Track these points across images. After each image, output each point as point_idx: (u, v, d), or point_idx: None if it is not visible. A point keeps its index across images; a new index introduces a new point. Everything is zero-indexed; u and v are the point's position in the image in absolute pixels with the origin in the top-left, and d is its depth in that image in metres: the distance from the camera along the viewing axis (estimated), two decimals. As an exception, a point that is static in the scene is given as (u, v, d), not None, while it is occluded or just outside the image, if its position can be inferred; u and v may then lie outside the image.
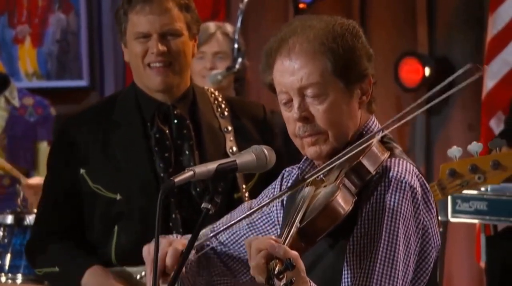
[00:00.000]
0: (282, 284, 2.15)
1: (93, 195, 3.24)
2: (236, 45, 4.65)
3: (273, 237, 2.31)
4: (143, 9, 3.16)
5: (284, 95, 2.50)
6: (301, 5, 5.30)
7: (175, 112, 3.24)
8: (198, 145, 3.25)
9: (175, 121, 3.25)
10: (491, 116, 4.96)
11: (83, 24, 6.26)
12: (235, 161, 2.48)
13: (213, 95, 3.34)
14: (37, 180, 4.35)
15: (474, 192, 3.97)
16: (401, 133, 5.60)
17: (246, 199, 3.21)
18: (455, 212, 4.05)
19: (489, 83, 5.04)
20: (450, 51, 5.48)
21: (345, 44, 2.46)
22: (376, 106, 5.22)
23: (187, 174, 2.42)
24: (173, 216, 3.20)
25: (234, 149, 3.21)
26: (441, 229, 4.01)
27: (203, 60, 4.63)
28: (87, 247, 3.28)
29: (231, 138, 3.26)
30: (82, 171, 3.24)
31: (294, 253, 2.22)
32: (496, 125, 4.90)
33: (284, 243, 2.25)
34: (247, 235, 2.71)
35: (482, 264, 4.22)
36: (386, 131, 2.57)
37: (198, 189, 3.17)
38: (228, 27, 4.69)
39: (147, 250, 2.62)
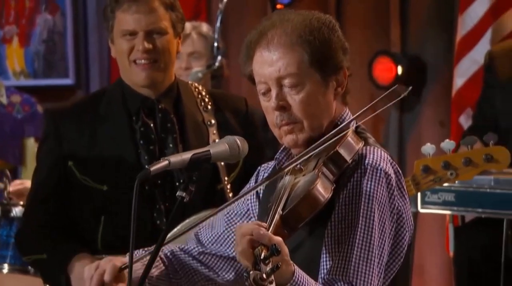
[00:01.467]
0: (268, 269, 2.16)
1: (81, 186, 3.25)
2: (215, 44, 4.68)
3: (259, 222, 2.32)
4: (129, 7, 3.17)
5: (263, 85, 2.52)
6: (278, 6, 5.34)
7: (160, 106, 3.25)
8: (181, 138, 3.25)
9: (160, 115, 3.26)
10: (460, 113, 4.98)
11: (69, 24, 6.25)
12: (209, 150, 2.49)
13: (196, 89, 3.35)
14: (18, 185, 4.32)
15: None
16: (375, 130, 5.59)
17: (228, 190, 3.22)
18: (425, 203, 4.04)
19: (458, 82, 5.05)
20: (422, 50, 5.48)
21: (321, 37, 2.49)
22: (351, 102, 5.25)
23: (163, 163, 2.43)
24: (157, 206, 3.20)
25: (217, 141, 3.15)
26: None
27: (178, 60, 4.59)
28: (75, 236, 3.27)
29: (214, 131, 3.27)
30: (70, 163, 3.25)
31: (279, 239, 2.24)
32: (466, 121, 4.93)
33: (268, 230, 2.26)
34: (225, 232, 2.72)
35: (451, 253, 4.20)
36: (360, 123, 2.60)
37: (181, 181, 3.16)
38: (204, 28, 4.72)
39: (88, 270, 2.62)
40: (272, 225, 2.29)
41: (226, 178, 3.23)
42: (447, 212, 4.12)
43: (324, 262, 2.42)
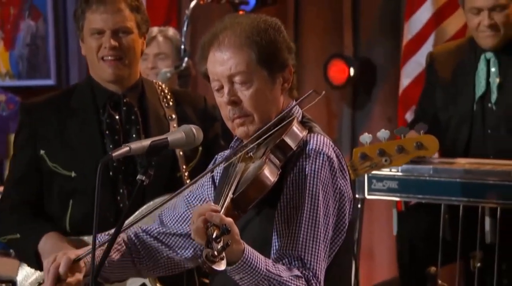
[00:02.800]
0: (219, 246, 2.19)
1: (52, 172, 3.24)
2: (182, 47, 4.69)
3: (213, 204, 2.35)
4: (98, 8, 3.17)
5: (216, 82, 2.55)
6: (240, 12, 5.29)
7: (125, 100, 3.25)
8: (144, 130, 3.24)
9: (124, 108, 3.25)
10: (406, 110, 4.98)
11: (50, 29, 6.22)
12: (167, 138, 2.52)
13: (160, 87, 3.35)
14: None
15: (387, 172, 3.99)
16: (330, 126, 5.60)
17: (186, 178, 3.21)
18: (371, 190, 4.06)
19: (404, 82, 5.05)
20: (372, 53, 5.47)
21: (267, 38, 2.51)
22: (309, 100, 5.26)
23: (124, 149, 2.45)
24: (121, 190, 3.21)
25: (174, 130, 3.14)
26: (359, 205, 4.16)
27: (146, 61, 4.63)
28: (47, 218, 3.26)
29: (175, 125, 3.26)
30: (42, 151, 3.24)
31: (229, 219, 2.26)
32: (411, 117, 4.90)
33: (220, 212, 2.28)
34: (186, 213, 2.73)
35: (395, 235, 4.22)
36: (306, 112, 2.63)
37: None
38: (170, 31, 4.70)
39: (45, 263, 2.60)
40: (224, 207, 2.31)
41: (184, 167, 3.23)
42: (391, 198, 4.13)
43: (275, 241, 2.44)
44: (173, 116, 3.29)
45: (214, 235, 2.20)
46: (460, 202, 3.90)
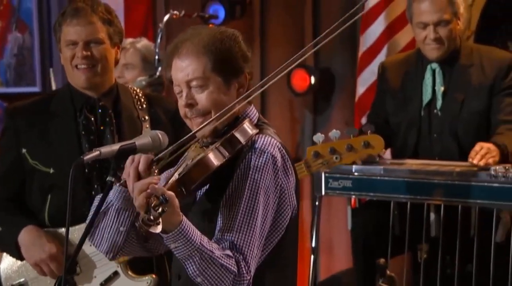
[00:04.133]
0: (157, 213, 2.24)
1: (33, 169, 3.26)
2: (156, 57, 4.70)
3: (155, 177, 2.38)
4: (71, 21, 3.19)
5: (177, 87, 2.57)
6: (210, 25, 5.30)
7: (100, 103, 3.26)
8: (118, 130, 3.26)
9: (99, 111, 3.26)
10: (362, 115, 4.97)
11: (36, 41, 6.20)
12: (135, 142, 2.52)
13: (134, 92, 3.38)
14: None
15: (342, 172, 4.02)
16: (293, 130, 5.61)
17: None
18: (327, 188, 4.10)
19: (360, 89, 5.06)
20: (331, 63, 5.47)
21: (223, 47, 2.53)
22: (274, 105, 5.32)
23: (95, 153, 2.47)
24: (95, 186, 3.23)
25: (142, 134, 3.20)
26: (317, 203, 4.19)
27: (116, 70, 4.67)
28: (28, 213, 3.29)
29: (147, 125, 3.28)
30: (24, 150, 3.27)
31: (170, 192, 2.30)
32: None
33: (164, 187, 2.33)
34: None
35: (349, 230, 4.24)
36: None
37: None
38: (139, 43, 4.68)
39: (128, 161, 2.50)
40: (169, 183, 2.37)
41: None
42: (346, 196, 4.16)
43: (217, 225, 2.47)
44: (146, 117, 3.31)
45: (153, 204, 2.25)
46: (407, 199, 3.93)
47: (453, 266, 3.91)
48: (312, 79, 5.41)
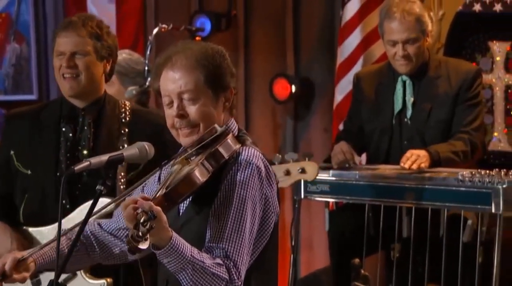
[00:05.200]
0: (145, 229, 2.20)
1: (16, 170, 3.30)
2: (146, 68, 4.69)
3: (143, 195, 2.36)
4: (62, 34, 3.24)
5: (167, 98, 2.53)
6: (197, 38, 5.39)
7: (82, 113, 3.27)
8: (94, 139, 3.26)
9: (80, 119, 3.27)
10: (340, 121, 4.96)
11: (33, 51, 6.18)
12: (122, 153, 2.52)
13: (123, 105, 3.35)
14: None
15: (320, 177, 4.02)
16: (275, 135, 5.62)
17: (122, 184, 3.22)
18: (306, 192, 4.13)
19: (338, 97, 5.07)
20: (311, 73, 5.47)
21: (214, 62, 2.51)
22: (256, 113, 5.32)
23: (85, 163, 2.47)
24: (76, 192, 3.26)
25: (125, 146, 3.21)
26: (296, 205, 4.22)
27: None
28: (12, 210, 3.32)
29: (125, 137, 3.27)
30: (12, 152, 3.31)
31: (157, 208, 2.26)
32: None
33: (151, 201, 2.28)
34: None
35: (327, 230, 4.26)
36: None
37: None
38: (121, 55, 4.65)
39: None
40: (156, 197, 2.33)
41: (123, 174, 3.24)
42: (324, 199, 4.18)
43: (207, 235, 2.45)
44: (126, 130, 3.29)
45: (142, 220, 2.21)
46: (381, 202, 3.96)
47: (423, 264, 3.91)
48: (293, 88, 5.42)
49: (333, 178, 4.07)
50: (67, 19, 3.31)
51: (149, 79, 4.58)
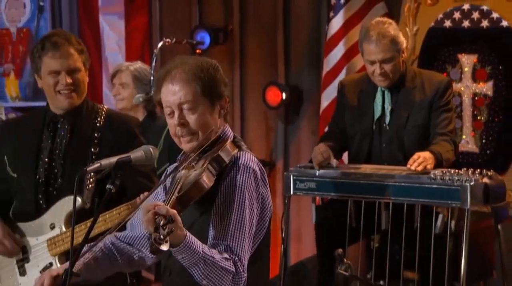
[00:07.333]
0: (165, 232, 2.18)
1: (8, 173, 3.31)
2: (152, 77, 4.69)
3: (159, 202, 2.34)
4: (54, 54, 3.18)
5: (168, 108, 2.54)
6: (198, 51, 5.40)
7: (62, 120, 3.25)
8: (68, 144, 3.23)
9: (59, 125, 3.25)
10: (326, 125, 4.89)
11: (50, 62, 6.22)
12: (130, 156, 2.51)
13: (100, 110, 3.31)
14: None
15: (307, 175, 4.02)
16: (268, 138, 5.61)
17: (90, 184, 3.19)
18: (295, 189, 4.11)
19: (324, 103, 5.07)
20: (300, 81, 5.48)
21: (209, 75, 2.51)
22: (250, 118, 5.32)
23: (96, 164, 2.46)
24: (43, 189, 3.24)
25: (97, 149, 3.19)
26: (286, 201, 4.21)
27: (113, 89, 4.62)
28: (6, 208, 3.33)
29: (96, 141, 3.22)
30: (5, 157, 3.32)
31: (174, 211, 2.25)
32: None
33: (167, 206, 2.27)
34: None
35: (313, 223, 4.26)
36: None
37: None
38: (133, 66, 4.62)
39: (35, 282, 2.55)
40: (170, 202, 2.31)
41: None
42: (311, 195, 4.16)
43: (210, 233, 2.46)
44: (99, 134, 3.25)
45: (161, 223, 2.19)
46: (362, 198, 3.94)
47: (400, 253, 3.91)
48: (284, 95, 5.43)
49: (319, 176, 4.05)
50: (50, 39, 3.22)
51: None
